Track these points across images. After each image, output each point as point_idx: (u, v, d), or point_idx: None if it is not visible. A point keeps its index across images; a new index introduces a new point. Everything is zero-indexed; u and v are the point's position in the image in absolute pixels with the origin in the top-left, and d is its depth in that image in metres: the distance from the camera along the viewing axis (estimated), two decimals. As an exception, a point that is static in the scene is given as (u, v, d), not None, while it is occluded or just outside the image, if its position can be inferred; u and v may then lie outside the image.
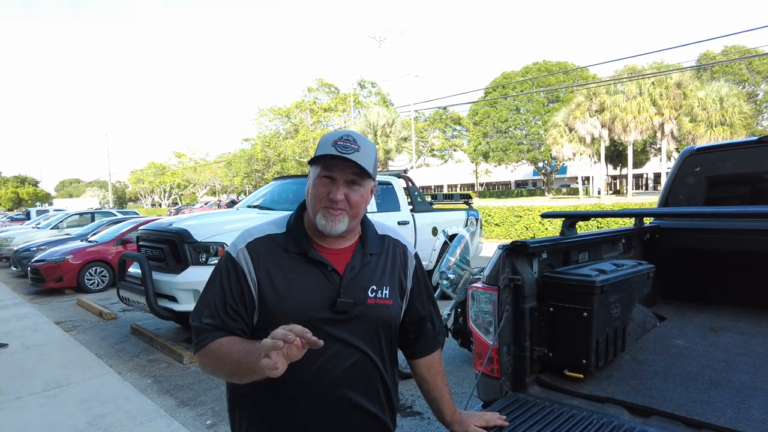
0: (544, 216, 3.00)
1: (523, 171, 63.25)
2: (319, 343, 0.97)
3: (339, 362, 1.24)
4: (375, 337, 1.30)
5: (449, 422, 1.51)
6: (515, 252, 2.08)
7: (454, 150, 50.75)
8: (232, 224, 5.60)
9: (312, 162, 1.26)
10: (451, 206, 9.15)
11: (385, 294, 1.31)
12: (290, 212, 1.36)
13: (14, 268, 12.05)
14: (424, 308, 1.46)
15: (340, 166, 1.22)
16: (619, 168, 51.25)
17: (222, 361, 1.16)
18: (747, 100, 35.22)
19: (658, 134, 34.71)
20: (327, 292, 1.23)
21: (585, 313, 2.04)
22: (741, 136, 28.99)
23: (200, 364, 1.24)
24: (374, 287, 1.30)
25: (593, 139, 36.11)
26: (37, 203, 58.15)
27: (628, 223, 5.78)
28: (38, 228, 15.30)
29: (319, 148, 1.25)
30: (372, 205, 6.92)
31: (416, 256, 1.47)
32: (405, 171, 8.41)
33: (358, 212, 1.28)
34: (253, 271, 1.24)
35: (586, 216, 2.81)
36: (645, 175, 58.56)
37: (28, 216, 23.46)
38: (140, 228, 6.40)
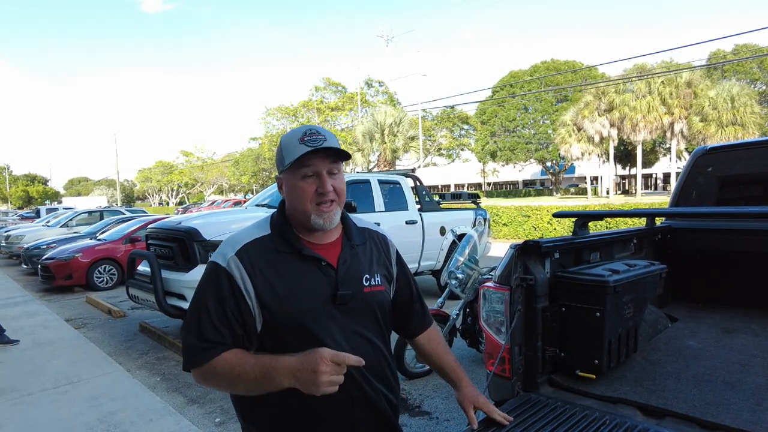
0: (556, 216, 2.99)
1: (531, 170, 62.96)
2: (360, 361, 1.12)
3: (345, 350, 1.23)
4: (375, 323, 1.34)
5: (457, 390, 1.53)
6: (527, 252, 2.07)
7: (462, 149, 50.77)
8: (240, 223, 5.62)
9: (286, 168, 1.24)
10: (459, 206, 9.13)
11: (378, 281, 1.36)
12: (267, 216, 1.36)
13: (24, 266, 12.16)
14: (411, 290, 1.52)
15: (317, 158, 1.23)
16: (627, 168, 50.88)
17: (236, 380, 1.16)
18: (759, 100, 34.87)
19: (668, 134, 34.42)
20: (326, 287, 1.25)
21: (597, 313, 2.03)
22: (753, 136, 28.73)
23: (199, 379, 1.21)
24: (367, 276, 1.33)
25: (602, 138, 35.89)
26: (47, 201, 58.67)
27: (638, 223, 5.74)
28: (48, 226, 15.43)
29: (288, 152, 1.24)
30: (380, 205, 6.92)
31: (393, 243, 1.52)
32: (412, 170, 8.41)
33: (344, 199, 1.31)
34: (248, 280, 1.21)
35: (598, 216, 2.79)
36: (654, 175, 58.12)
37: (38, 214, 23.67)
38: (149, 226, 6.43)
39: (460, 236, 6.73)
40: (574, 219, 2.59)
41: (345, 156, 1.29)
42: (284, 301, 1.21)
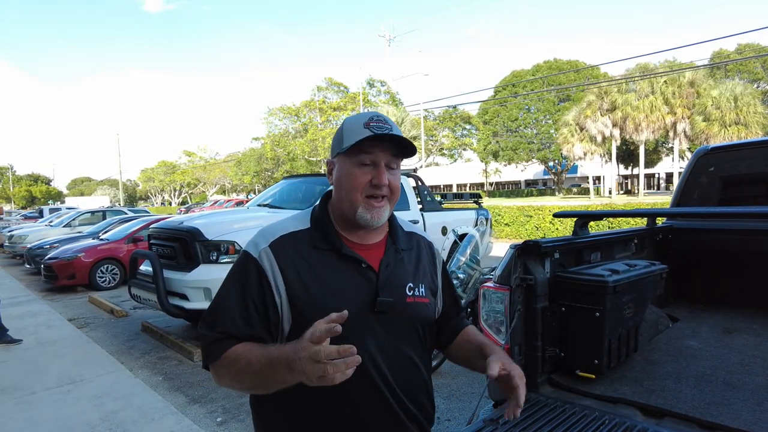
0: (556, 215, 2.99)
1: (534, 170, 62.94)
2: (336, 329, 0.87)
3: (380, 368, 1.13)
4: (416, 337, 1.21)
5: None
6: (527, 251, 2.07)
7: (464, 149, 50.67)
8: (242, 223, 5.63)
9: (343, 151, 1.13)
10: (461, 206, 9.13)
11: (422, 292, 1.22)
12: (309, 209, 1.26)
13: (28, 266, 12.21)
14: (453, 300, 1.40)
15: (379, 147, 1.12)
16: (630, 168, 50.82)
17: (241, 373, 1.04)
18: (762, 100, 34.76)
19: (671, 133, 34.34)
20: (364, 292, 1.13)
21: (597, 313, 2.03)
22: (756, 136, 28.64)
23: (215, 378, 1.11)
24: (411, 285, 1.20)
25: (604, 138, 35.83)
26: (50, 201, 58.93)
27: (640, 223, 5.73)
28: (51, 226, 15.47)
29: (350, 134, 1.13)
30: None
31: (438, 252, 1.40)
32: (414, 170, 8.39)
33: (397, 198, 1.18)
34: (279, 275, 1.11)
35: (598, 216, 2.79)
36: (657, 175, 58.02)
37: (41, 214, 23.75)
38: (151, 226, 6.45)
39: (462, 236, 6.71)
40: (576, 219, 2.59)
41: (410, 151, 1.16)
42: (317, 302, 1.09)
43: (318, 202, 1.25)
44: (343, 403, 1.11)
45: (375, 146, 1.12)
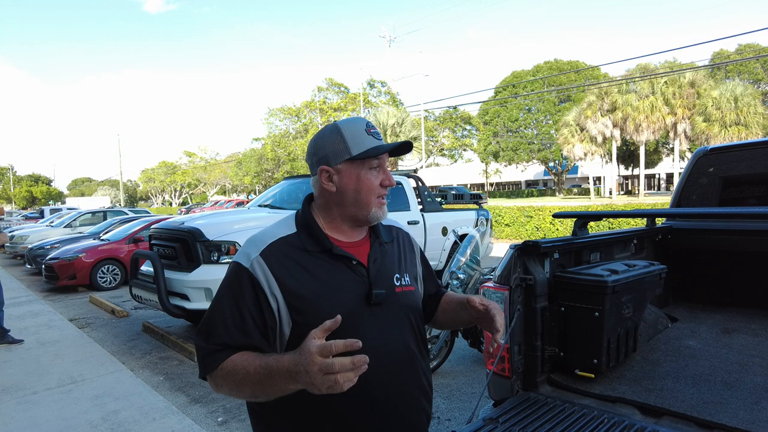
0: (555, 216, 3.00)
1: (534, 171, 62.96)
2: (356, 343, 0.92)
3: (382, 357, 1.16)
4: (409, 325, 1.26)
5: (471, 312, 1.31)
6: (527, 252, 2.09)
7: (464, 150, 50.66)
8: (243, 223, 5.65)
9: (355, 157, 1.20)
10: (461, 206, 9.14)
11: (407, 281, 1.29)
12: (292, 214, 1.29)
13: (29, 266, 12.23)
14: (433, 281, 1.47)
15: (382, 152, 1.21)
16: (630, 168, 50.80)
17: (240, 383, 1.06)
18: (762, 100, 34.74)
19: (671, 134, 34.35)
20: (358, 287, 1.18)
21: (596, 313, 2.04)
22: (757, 136, 28.64)
23: (213, 387, 1.13)
24: (398, 275, 1.27)
25: (605, 138, 35.85)
26: (51, 202, 58.99)
27: (640, 223, 5.76)
28: (52, 226, 15.50)
29: (357, 142, 1.20)
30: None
31: (416, 241, 1.48)
32: (415, 171, 8.40)
33: None
34: (274, 282, 1.13)
35: (597, 216, 2.80)
36: (657, 176, 58.00)
37: (41, 214, 23.79)
38: (152, 227, 6.47)
39: (462, 236, 6.72)
40: (575, 219, 2.60)
41: (401, 150, 1.25)
42: (315, 303, 1.12)
43: (302, 207, 1.29)
44: (348, 402, 1.12)
45: (379, 152, 1.22)
